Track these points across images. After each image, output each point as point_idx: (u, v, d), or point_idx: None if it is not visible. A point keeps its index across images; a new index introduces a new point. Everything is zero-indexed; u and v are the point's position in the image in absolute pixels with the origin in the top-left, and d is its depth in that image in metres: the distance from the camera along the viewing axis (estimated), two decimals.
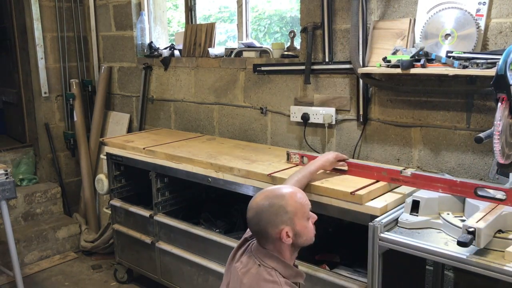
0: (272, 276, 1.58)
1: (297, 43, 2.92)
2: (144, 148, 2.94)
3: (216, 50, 3.28)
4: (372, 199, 1.98)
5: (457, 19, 2.13)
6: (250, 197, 2.20)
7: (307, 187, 2.07)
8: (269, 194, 1.63)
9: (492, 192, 1.75)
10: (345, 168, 2.22)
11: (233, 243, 2.50)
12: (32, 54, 4.02)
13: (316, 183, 2.10)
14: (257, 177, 2.33)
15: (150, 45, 3.78)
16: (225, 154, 2.71)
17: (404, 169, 2.06)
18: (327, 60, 2.66)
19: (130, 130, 4.01)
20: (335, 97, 2.69)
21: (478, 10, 2.10)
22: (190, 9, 3.63)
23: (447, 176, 1.94)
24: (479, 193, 1.76)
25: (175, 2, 4.12)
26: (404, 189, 2.12)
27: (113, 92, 4.18)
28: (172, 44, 3.69)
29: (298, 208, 1.60)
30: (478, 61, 1.96)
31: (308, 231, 1.62)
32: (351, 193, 1.96)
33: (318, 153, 2.79)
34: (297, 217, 1.59)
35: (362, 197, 1.93)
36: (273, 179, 2.25)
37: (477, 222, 1.57)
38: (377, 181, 2.10)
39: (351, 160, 2.31)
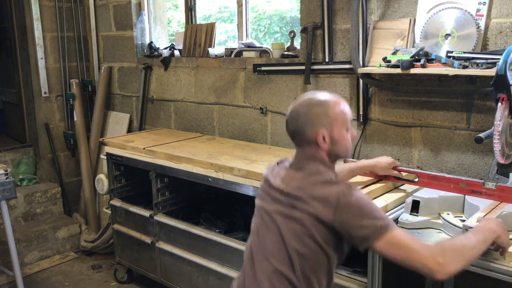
0: (326, 175, 1.53)
1: (297, 43, 2.92)
2: (144, 148, 2.94)
3: (216, 50, 3.28)
4: (372, 199, 1.97)
5: (457, 19, 2.13)
6: (250, 197, 2.21)
7: None
8: (312, 97, 1.59)
9: None
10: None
11: (233, 243, 2.50)
12: (32, 54, 4.02)
13: None
14: (257, 177, 2.32)
15: (150, 45, 3.78)
16: (225, 154, 2.71)
17: (485, 181, 1.83)
18: (327, 60, 2.66)
19: (130, 130, 4.01)
20: None
21: (478, 10, 2.10)
22: (190, 9, 3.63)
23: None
24: None
25: (175, 2, 4.12)
26: (404, 189, 2.13)
27: (113, 92, 4.18)
28: (172, 44, 3.69)
29: (339, 115, 1.56)
30: (478, 61, 1.96)
31: (345, 142, 1.57)
32: None
33: None
34: (337, 124, 1.55)
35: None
36: None
37: (477, 222, 1.56)
38: (378, 181, 2.09)
39: (422, 171, 2.12)
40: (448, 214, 1.83)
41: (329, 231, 1.47)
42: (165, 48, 3.70)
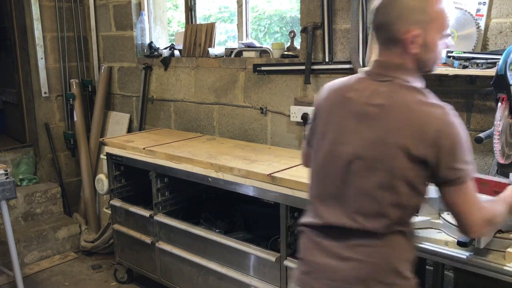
0: (425, 95, 1.31)
1: (297, 43, 2.92)
2: (144, 148, 2.94)
3: (216, 50, 3.28)
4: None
5: (457, 19, 2.13)
6: (250, 197, 2.21)
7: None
8: None
9: None
10: None
11: (233, 243, 2.50)
12: (32, 54, 4.02)
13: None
14: (257, 177, 2.32)
15: (150, 45, 3.78)
16: (225, 154, 2.71)
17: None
18: (327, 60, 2.66)
19: (130, 130, 4.01)
20: None
21: (478, 10, 2.10)
22: (190, 9, 3.63)
23: None
24: None
25: (175, 2, 4.12)
26: None
27: (113, 92, 4.18)
28: (172, 44, 3.69)
29: (439, 16, 1.31)
30: (478, 61, 1.96)
31: (437, 50, 1.35)
32: None
33: None
34: (434, 26, 1.30)
35: None
36: (273, 179, 2.24)
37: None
38: None
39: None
40: (448, 214, 1.83)
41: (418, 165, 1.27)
42: (165, 48, 3.70)
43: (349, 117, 1.37)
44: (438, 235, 1.76)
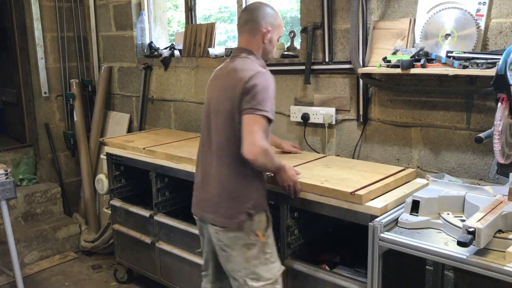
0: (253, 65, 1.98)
1: (297, 43, 2.92)
2: (144, 148, 2.94)
3: (216, 50, 3.28)
4: (372, 199, 1.97)
5: (457, 19, 2.13)
6: None
7: (307, 186, 2.09)
8: (266, 3, 2.14)
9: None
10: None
11: None
12: (32, 54, 4.02)
13: (316, 182, 2.09)
14: None
15: (150, 45, 3.78)
16: None
17: None
18: (327, 60, 2.66)
19: (130, 130, 4.01)
20: (335, 97, 2.69)
21: (478, 10, 2.10)
22: (190, 9, 3.63)
23: None
24: None
25: (175, 2, 4.12)
26: (404, 189, 2.13)
27: (113, 92, 4.19)
28: (172, 44, 3.69)
29: (281, 25, 2.10)
30: (478, 61, 1.96)
31: (274, 47, 2.10)
32: (351, 193, 1.95)
33: (318, 152, 2.79)
34: (277, 30, 2.06)
35: (362, 197, 1.93)
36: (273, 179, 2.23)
37: (477, 222, 1.57)
38: (378, 181, 2.10)
39: None
40: (448, 214, 1.83)
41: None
42: (165, 48, 3.70)
43: (214, 86, 2.11)
44: (438, 235, 1.76)
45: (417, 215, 1.85)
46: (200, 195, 2.11)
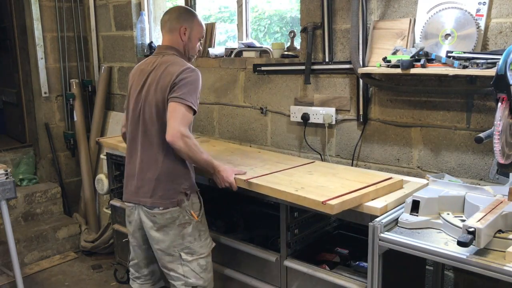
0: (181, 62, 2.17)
1: (297, 43, 2.92)
2: None
3: (216, 50, 3.28)
4: (372, 199, 1.96)
5: (457, 19, 2.13)
6: (250, 197, 2.21)
7: (280, 193, 2.04)
8: (187, 7, 2.43)
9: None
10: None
11: (233, 243, 2.50)
12: (32, 54, 4.02)
13: (290, 190, 2.02)
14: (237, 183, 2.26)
15: (150, 45, 3.78)
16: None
17: None
18: (327, 60, 2.67)
19: None
20: (335, 97, 2.69)
21: (478, 10, 2.10)
22: None
23: None
24: None
25: (175, 2, 4.12)
26: (404, 189, 2.12)
27: (113, 92, 4.19)
28: None
29: (200, 25, 2.29)
30: (478, 61, 1.96)
31: (196, 45, 2.30)
32: (322, 202, 1.86)
33: (318, 152, 2.79)
34: (196, 30, 2.27)
35: (333, 207, 1.83)
36: (249, 185, 2.19)
37: (477, 222, 1.57)
38: (356, 190, 1.99)
39: None
40: (448, 214, 1.83)
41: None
42: None
43: (141, 80, 2.22)
44: (438, 235, 1.76)
45: (417, 215, 1.85)
46: (137, 183, 2.22)
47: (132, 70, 2.35)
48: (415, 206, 1.86)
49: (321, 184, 2.12)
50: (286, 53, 2.91)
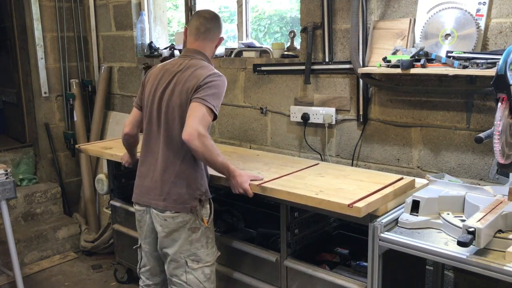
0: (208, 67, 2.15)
1: (297, 43, 2.92)
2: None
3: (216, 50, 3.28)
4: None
5: (457, 19, 2.13)
6: (249, 198, 2.21)
7: (300, 198, 2.02)
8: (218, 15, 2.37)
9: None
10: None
11: (233, 243, 2.50)
12: (32, 54, 4.02)
13: (310, 194, 1.99)
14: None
15: (150, 45, 3.78)
16: None
17: None
18: (327, 60, 2.67)
19: None
20: (335, 97, 2.69)
21: (478, 10, 2.10)
22: (190, 9, 3.62)
23: None
24: None
25: (175, 2, 4.12)
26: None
27: (113, 92, 4.19)
28: (172, 44, 3.69)
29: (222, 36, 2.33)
30: (478, 61, 1.96)
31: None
32: (348, 205, 1.83)
33: (318, 153, 2.79)
34: (221, 39, 2.31)
35: (361, 209, 1.80)
36: (263, 190, 2.14)
37: (477, 222, 1.57)
38: (376, 191, 1.98)
39: None
40: (448, 214, 1.83)
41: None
42: (165, 48, 3.70)
43: (166, 79, 2.17)
44: (438, 235, 1.77)
45: (417, 215, 1.85)
46: (150, 184, 2.18)
47: (151, 69, 2.32)
48: (415, 206, 1.86)
49: (338, 187, 2.08)
50: (286, 53, 2.91)
